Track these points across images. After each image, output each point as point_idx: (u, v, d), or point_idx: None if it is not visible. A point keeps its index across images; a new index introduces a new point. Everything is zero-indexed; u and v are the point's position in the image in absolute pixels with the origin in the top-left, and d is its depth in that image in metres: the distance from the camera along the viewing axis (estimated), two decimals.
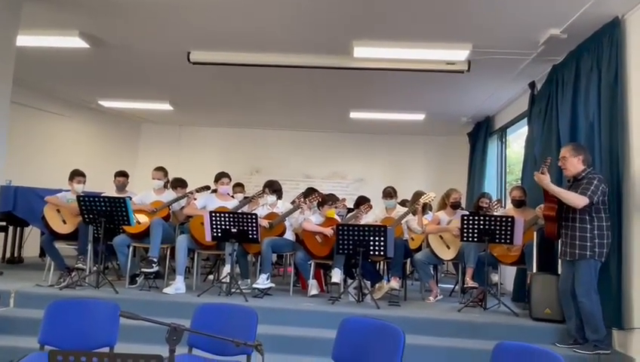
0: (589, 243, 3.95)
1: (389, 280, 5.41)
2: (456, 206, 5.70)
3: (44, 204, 5.62)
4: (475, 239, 4.96)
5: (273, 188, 5.71)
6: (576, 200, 3.95)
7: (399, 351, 2.47)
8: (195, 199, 5.68)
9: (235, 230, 4.97)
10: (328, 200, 5.63)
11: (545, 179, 4.10)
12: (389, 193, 5.85)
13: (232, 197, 6.16)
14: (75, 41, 5.37)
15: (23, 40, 4.99)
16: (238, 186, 7.20)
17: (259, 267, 5.37)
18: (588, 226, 3.98)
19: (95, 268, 5.18)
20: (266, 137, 10.15)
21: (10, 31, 4.52)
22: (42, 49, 5.75)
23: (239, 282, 5.23)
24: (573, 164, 4.08)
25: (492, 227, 4.84)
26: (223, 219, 4.99)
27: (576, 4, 4.15)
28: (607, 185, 4.00)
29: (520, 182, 6.10)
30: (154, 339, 3.58)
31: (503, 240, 4.87)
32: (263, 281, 5.09)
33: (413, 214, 5.73)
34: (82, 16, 4.91)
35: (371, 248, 4.87)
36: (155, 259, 5.14)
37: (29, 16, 4.79)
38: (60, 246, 5.56)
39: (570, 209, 4.06)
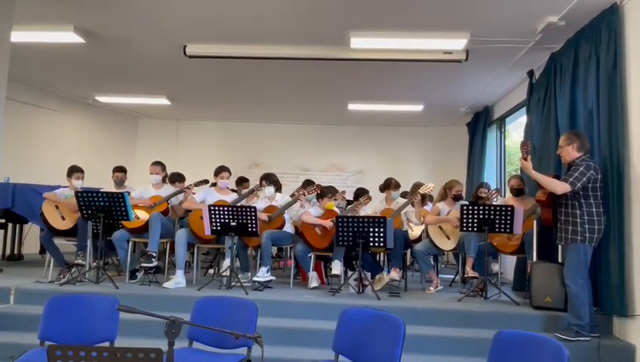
0: (579, 229, 3.98)
1: (389, 272, 5.42)
2: (458, 198, 5.70)
3: (42, 200, 5.60)
4: (475, 229, 4.96)
5: (270, 179, 5.70)
6: (556, 186, 4.02)
7: (400, 341, 2.47)
8: (194, 193, 5.67)
9: (235, 223, 4.97)
10: (327, 192, 5.62)
11: (527, 166, 4.18)
12: (396, 185, 5.87)
13: (232, 191, 6.15)
14: (70, 36, 5.34)
15: (18, 35, 4.96)
16: (245, 182, 7.21)
17: (259, 260, 5.36)
18: (577, 211, 4.01)
19: (95, 264, 5.18)
20: (264, 130, 10.13)
21: (4, 26, 4.48)
22: (37, 44, 5.72)
23: (239, 275, 5.23)
24: (568, 151, 4.14)
25: (492, 216, 4.85)
26: (222, 212, 4.98)
27: None
28: (599, 172, 4.00)
29: (519, 171, 6.09)
30: (154, 334, 3.60)
31: (502, 230, 4.88)
32: (263, 274, 5.09)
33: (412, 205, 5.73)
34: (77, 11, 4.88)
35: (371, 239, 4.87)
36: (155, 254, 5.15)
37: (22, 12, 4.76)
38: (60, 242, 5.55)
39: (559, 195, 4.08)
